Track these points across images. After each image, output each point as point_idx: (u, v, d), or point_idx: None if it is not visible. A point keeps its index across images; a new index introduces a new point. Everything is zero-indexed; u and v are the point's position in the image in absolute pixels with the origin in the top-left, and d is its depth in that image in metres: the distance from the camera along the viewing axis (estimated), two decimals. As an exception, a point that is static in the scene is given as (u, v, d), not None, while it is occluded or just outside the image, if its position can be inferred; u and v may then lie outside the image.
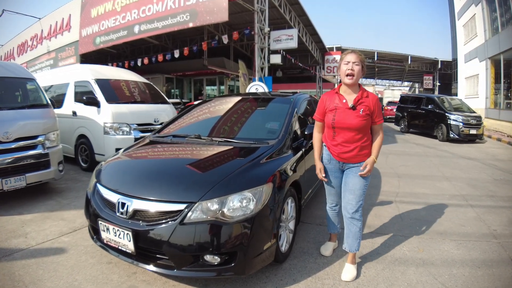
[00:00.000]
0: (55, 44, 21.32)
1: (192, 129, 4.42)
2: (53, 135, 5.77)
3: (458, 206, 5.33)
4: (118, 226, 2.79)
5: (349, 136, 3.08)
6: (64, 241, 3.89)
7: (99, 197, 3.15)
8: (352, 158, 3.14)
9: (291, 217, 3.56)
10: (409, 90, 59.66)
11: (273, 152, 3.44)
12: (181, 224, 2.60)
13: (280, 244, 3.24)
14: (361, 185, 3.14)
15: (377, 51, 36.23)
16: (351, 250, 3.25)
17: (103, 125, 7.24)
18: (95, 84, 7.69)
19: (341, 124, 3.07)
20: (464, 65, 26.65)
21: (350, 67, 3.00)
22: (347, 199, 3.21)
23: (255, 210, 2.73)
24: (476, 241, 4.00)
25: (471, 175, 7.55)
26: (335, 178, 3.33)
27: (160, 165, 3.49)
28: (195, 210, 2.64)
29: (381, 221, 4.61)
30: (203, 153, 3.57)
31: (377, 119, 3.09)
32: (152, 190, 2.87)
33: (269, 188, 2.91)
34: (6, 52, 29.17)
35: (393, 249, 3.75)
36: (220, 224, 2.61)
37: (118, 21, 15.93)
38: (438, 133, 14.19)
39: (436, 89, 39.84)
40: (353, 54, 3.04)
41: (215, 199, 2.68)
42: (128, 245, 2.76)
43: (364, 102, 3.04)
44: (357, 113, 3.02)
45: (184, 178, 2.97)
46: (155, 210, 2.73)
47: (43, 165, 5.52)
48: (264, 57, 13.90)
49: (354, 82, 3.02)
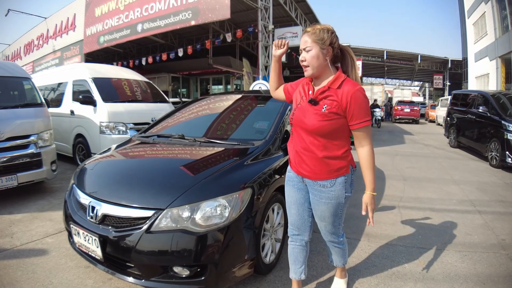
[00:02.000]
0: (61, 43, 21.43)
1: (179, 128, 4.19)
2: (46, 135, 5.71)
3: (465, 212, 4.99)
4: (87, 231, 2.62)
5: (307, 141, 2.27)
6: (48, 242, 3.80)
7: (74, 200, 2.99)
8: (312, 174, 2.31)
9: (279, 225, 3.30)
10: (419, 90, 59.05)
11: (259, 154, 3.19)
12: (147, 232, 2.39)
13: (264, 255, 2.99)
14: (331, 212, 2.37)
15: (387, 49, 35.72)
16: (337, 265, 2.81)
17: (99, 124, 7.13)
18: (92, 83, 7.58)
19: (298, 122, 2.29)
20: (474, 64, 26.15)
21: (301, 56, 2.23)
22: (320, 226, 2.53)
23: (229, 219, 2.49)
24: (482, 253, 3.67)
25: (481, 178, 7.20)
26: (297, 191, 2.50)
27: (135, 167, 3.30)
28: (163, 217, 2.41)
29: (380, 229, 4.30)
30: (182, 155, 3.40)
31: (353, 121, 2.17)
32: (121, 194, 2.69)
33: (247, 194, 2.67)
34: (13, 52, 29.49)
35: (391, 261, 3.44)
36: (189, 234, 2.37)
37: (122, 20, 15.88)
38: (490, 154, 8.73)
39: (446, 89, 39.26)
40: (303, 36, 2.22)
41: (186, 205, 2.44)
42: (97, 251, 2.59)
43: (332, 96, 2.17)
44: (318, 109, 2.19)
45: (155, 182, 2.76)
46: (123, 216, 2.52)
47: (35, 164, 5.45)
48: (268, 55, 13.66)
49: (311, 74, 2.24)
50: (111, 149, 3.87)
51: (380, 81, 48.54)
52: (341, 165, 2.27)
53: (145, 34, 14.89)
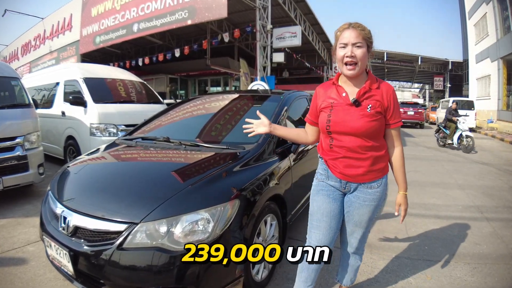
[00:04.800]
0: (57, 44, 21.32)
1: (166, 130, 3.92)
2: (33, 137, 5.47)
3: (472, 219, 4.71)
4: (59, 244, 2.35)
5: (354, 144, 2.10)
6: (28, 250, 3.61)
7: (49, 208, 2.72)
8: (361, 175, 2.17)
9: (272, 238, 2.99)
10: (419, 91, 58.92)
11: (250, 159, 2.88)
12: (119, 248, 2.11)
13: (255, 272, 2.70)
14: (371, 216, 2.29)
15: (387, 51, 35.62)
16: (346, 284, 2.64)
17: (89, 126, 6.85)
18: (83, 83, 7.30)
19: (340, 127, 2.10)
20: (475, 65, 25.99)
21: (349, 52, 2.01)
22: (350, 231, 2.38)
23: (213, 235, 2.18)
24: (493, 264, 3.39)
25: (486, 182, 6.92)
26: (332, 201, 2.28)
27: (112, 174, 2.97)
28: (137, 232, 2.12)
29: (384, 239, 4.02)
30: (164, 160, 3.16)
31: (392, 120, 2.13)
32: (93, 204, 2.41)
33: (234, 205, 2.35)
34: (11, 52, 29.44)
35: (396, 276, 3.15)
36: (166, 253, 2.08)
37: (118, 19, 15.72)
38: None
39: (447, 91, 39.09)
40: (352, 30, 2.02)
41: (163, 219, 2.15)
42: (68, 266, 2.32)
43: (374, 96, 2.09)
44: (363, 110, 2.06)
45: (131, 191, 2.49)
46: (94, 229, 2.25)
47: (22, 167, 5.21)
48: (266, 56, 13.42)
49: (357, 73, 2.05)
50: (93, 152, 3.60)
51: (381, 81, 48.43)
52: (384, 164, 2.22)
53: (141, 34, 14.70)
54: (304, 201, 3.97)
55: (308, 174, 4.05)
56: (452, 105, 12.43)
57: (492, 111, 21.31)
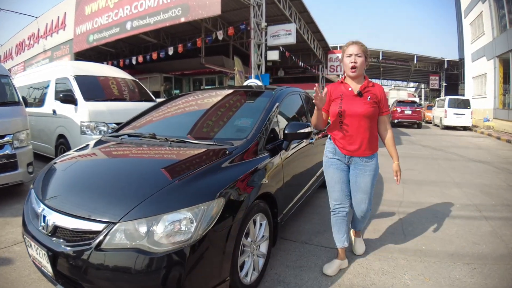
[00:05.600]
0: (51, 43, 21.01)
1: (154, 127, 3.79)
2: (22, 135, 5.37)
3: (470, 218, 4.59)
4: (38, 244, 2.24)
5: (356, 125, 2.93)
6: (15, 250, 3.52)
7: (31, 207, 2.60)
8: (360, 151, 2.99)
9: (262, 238, 2.86)
10: (415, 91, 58.96)
11: (238, 156, 2.74)
12: (97, 249, 1.99)
13: (243, 274, 2.57)
14: (372, 182, 3.09)
15: (382, 50, 35.57)
16: (358, 229, 3.47)
17: (80, 124, 6.70)
18: (74, 81, 7.16)
19: (349, 111, 2.92)
20: (471, 64, 25.92)
21: (353, 59, 2.91)
22: (359, 198, 3.12)
23: (195, 236, 2.05)
24: (493, 265, 3.26)
25: (484, 181, 6.81)
26: (340, 171, 3.10)
27: (94, 171, 2.84)
28: (115, 232, 2.01)
29: (380, 239, 3.88)
30: (148, 157, 3.03)
31: (384, 109, 3.01)
32: (73, 202, 2.30)
33: (219, 204, 2.22)
34: (5, 52, 29.11)
35: (392, 278, 3.02)
36: (145, 254, 1.95)
37: (111, 18, 15.51)
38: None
39: (442, 90, 39.08)
40: (355, 45, 2.93)
41: (142, 219, 2.03)
42: (47, 267, 2.21)
43: (371, 91, 2.96)
44: (365, 100, 2.91)
45: (112, 189, 2.36)
46: (73, 228, 2.13)
47: (10, 166, 5.11)
48: (261, 54, 13.28)
49: (358, 74, 2.94)
50: (78, 149, 3.46)
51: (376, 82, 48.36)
52: (376, 143, 3.06)
53: (134, 32, 14.50)
54: (298, 200, 3.84)
55: (301, 172, 3.94)
56: None
57: (488, 110, 21.24)
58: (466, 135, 17.23)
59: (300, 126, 3.25)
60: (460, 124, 20.02)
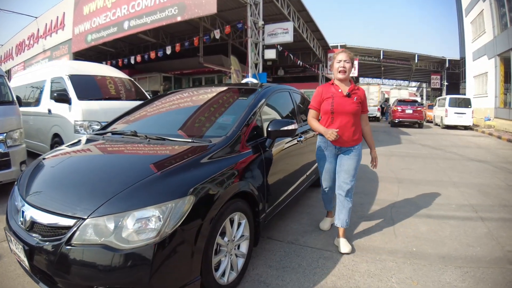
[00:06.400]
0: (50, 43, 20.95)
1: (137, 125, 3.78)
2: (15, 134, 5.49)
3: (466, 219, 4.45)
4: (16, 238, 2.30)
5: (345, 121, 3.43)
6: (3, 247, 3.57)
7: (13, 203, 2.64)
8: (347, 142, 3.49)
9: (242, 238, 2.80)
10: (417, 90, 58.75)
11: (214, 153, 2.67)
12: (67, 244, 2.02)
13: (219, 274, 2.53)
14: (355, 165, 3.53)
15: (383, 49, 35.35)
16: (342, 226, 3.54)
17: (73, 123, 6.71)
18: (68, 80, 7.17)
19: (340, 109, 3.42)
20: (472, 63, 25.74)
21: (342, 65, 3.44)
22: (342, 178, 3.53)
23: (162, 234, 2.03)
24: (487, 268, 3.12)
25: (482, 180, 6.66)
26: (330, 163, 3.67)
27: (72, 168, 2.83)
28: (85, 228, 2.03)
29: (369, 240, 3.76)
30: (125, 153, 3.04)
31: (364, 108, 3.60)
32: (48, 198, 2.36)
33: (189, 202, 2.18)
34: (6, 52, 29.17)
35: (378, 281, 2.89)
36: (111, 251, 1.96)
37: (109, 17, 15.42)
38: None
39: (444, 89, 38.88)
40: (344, 53, 3.49)
41: (111, 215, 2.03)
42: (25, 261, 2.26)
43: (357, 93, 3.51)
44: (352, 100, 3.44)
45: (84, 186, 2.38)
46: (48, 223, 2.18)
47: (4, 165, 5.23)
48: (258, 53, 13.17)
49: (346, 77, 3.46)
50: (61, 148, 3.44)
51: (377, 81, 48.06)
52: (359, 135, 3.59)
53: (131, 32, 14.41)
54: (284, 199, 3.76)
55: (288, 170, 3.87)
56: None
57: (489, 109, 21.05)
58: (466, 134, 17.05)
59: (283, 123, 3.24)
60: (461, 124, 19.82)
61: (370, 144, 3.76)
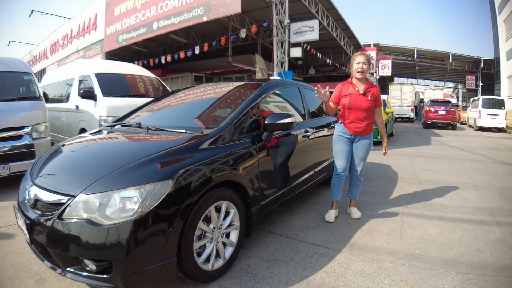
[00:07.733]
0: (83, 43, 21.92)
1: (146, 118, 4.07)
2: (41, 127, 5.91)
3: (481, 223, 4.26)
4: (21, 213, 2.63)
5: (360, 115, 4.02)
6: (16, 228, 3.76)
7: (24, 185, 2.99)
8: (362, 132, 4.08)
9: (231, 227, 2.90)
10: (453, 91, 57.11)
11: (204, 142, 2.84)
12: (59, 218, 2.30)
13: (202, 260, 2.65)
14: (367, 154, 4.26)
15: (417, 48, 34.45)
16: (354, 198, 4.43)
17: (98, 119, 7.09)
18: (94, 78, 7.60)
19: (356, 105, 3.98)
20: (506, 63, 24.66)
21: (360, 66, 3.95)
22: (356, 163, 4.25)
23: (137, 214, 2.22)
24: (491, 276, 2.94)
25: (506, 184, 6.37)
26: (346, 145, 4.16)
27: (77, 154, 3.18)
28: (75, 204, 2.30)
29: (371, 239, 3.68)
30: (122, 142, 3.32)
31: (378, 104, 4.13)
32: (50, 179, 2.70)
33: (168, 185, 2.36)
34: (41, 51, 30.72)
35: (369, 281, 2.81)
36: (94, 226, 2.21)
37: (139, 18, 15.99)
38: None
39: (479, 90, 37.58)
40: (362, 56, 4.01)
41: (97, 194, 2.30)
42: (27, 234, 2.56)
43: (371, 91, 4.02)
44: (367, 98, 3.98)
45: (81, 168, 2.69)
46: (46, 200, 2.50)
47: (28, 155, 5.63)
48: (284, 51, 13.17)
49: (363, 77, 4.01)
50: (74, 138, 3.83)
51: (411, 81, 46.99)
52: (372, 126, 4.18)
53: (160, 32, 14.85)
54: (284, 194, 3.79)
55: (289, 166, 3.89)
56: None
57: (524, 111, 20.25)
58: (499, 136, 16.39)
59: (279, 117, 3.31)
60: (493, 125, 19.05)
61: (382, 134, 4.40)
